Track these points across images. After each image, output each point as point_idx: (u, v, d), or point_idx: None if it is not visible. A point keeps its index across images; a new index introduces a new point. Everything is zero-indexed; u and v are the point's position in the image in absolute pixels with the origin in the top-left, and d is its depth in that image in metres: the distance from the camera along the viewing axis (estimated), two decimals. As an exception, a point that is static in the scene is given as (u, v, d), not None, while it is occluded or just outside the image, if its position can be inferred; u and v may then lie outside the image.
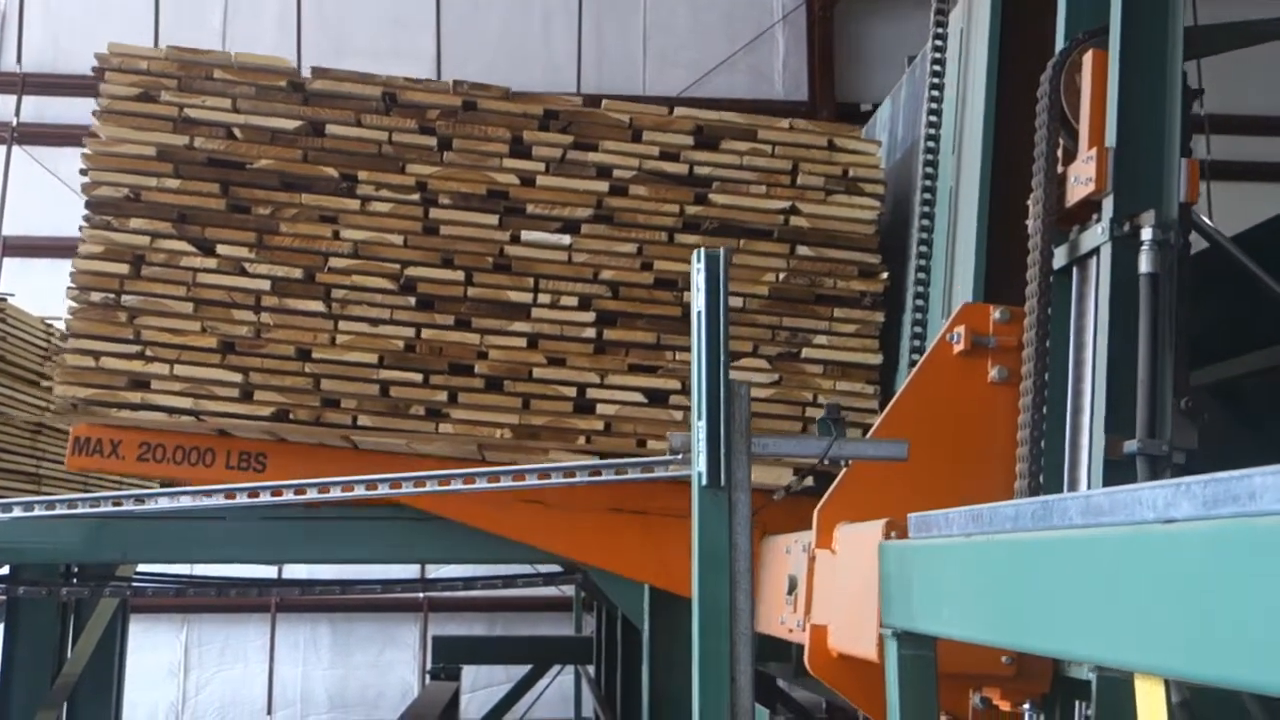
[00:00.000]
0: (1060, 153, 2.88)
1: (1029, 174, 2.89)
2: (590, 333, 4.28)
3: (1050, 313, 2.77)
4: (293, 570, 8.66)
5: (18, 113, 11.70)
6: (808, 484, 3.78)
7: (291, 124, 4.32)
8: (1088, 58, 2.83)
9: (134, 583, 6.02)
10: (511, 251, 4.30)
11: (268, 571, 7.90)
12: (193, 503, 3.66)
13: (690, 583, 2.90)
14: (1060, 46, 2.94)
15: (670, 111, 4.50)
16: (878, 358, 4.37)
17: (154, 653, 11.15)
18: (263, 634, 11.58)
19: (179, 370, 4.13)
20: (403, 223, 4.29)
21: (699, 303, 2.94)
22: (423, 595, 11.41)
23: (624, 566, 4.33)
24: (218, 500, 3.62)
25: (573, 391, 4.24)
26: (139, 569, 6.09)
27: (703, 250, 2.99)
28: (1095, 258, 2.75)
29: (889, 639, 2.28)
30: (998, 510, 1.84)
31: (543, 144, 4.38)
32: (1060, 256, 2.87)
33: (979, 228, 3.61)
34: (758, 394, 4.25)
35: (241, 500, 3.61)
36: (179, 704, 11.49)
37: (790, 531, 3.38)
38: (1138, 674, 1.76)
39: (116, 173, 4.25)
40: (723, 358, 2.88)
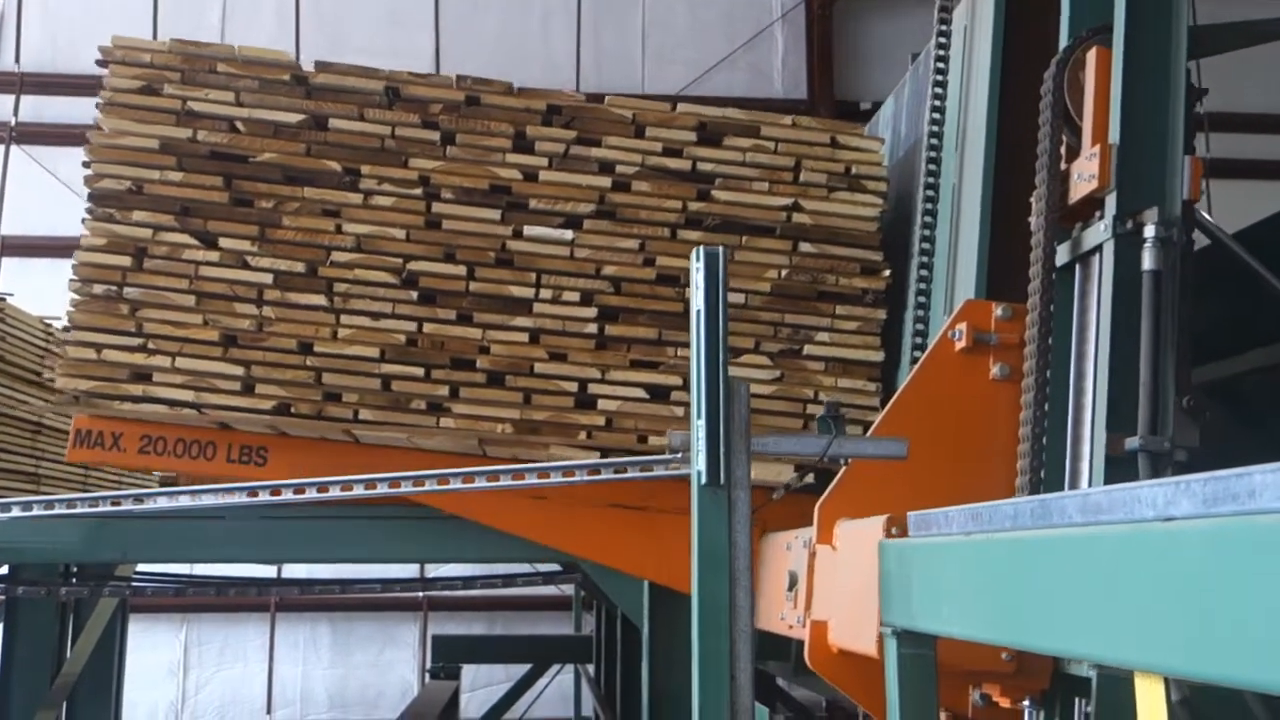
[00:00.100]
0: (1063, 150, 2.87)
1: (1032, 171, 2.89)
2: (592, 328, 4.28)
3: (1052, 310, 2.77)
4: (292, 570, 8.67)
5: (16, 112, 11.71)
6: (808, 481, 3.78)
7: (294, 118, 4.31)
8: (1091, 55, 2.83)
9: (133, 582, 6.00)
10: (514, 246, 4.30)
11: (267, 571, 7.90)
12: (191, 502, 3.65)
13: (690, 579, 2.90)
14: (1064, 44, 2.94)
15: (673, 107, 4.49)
16: (879, 355, 4.37)
17: (153, 652, 11.17)
18: (262, 633, 11.59)
19: (180, 363, 4.13)
20: (405, 217, 4.29)
21: (698, 301, 2.94)
22: (422, 594, 11.42)
23: (624, 562, 4.33)
24: (216, 500, 3.61)
25: (574, 387, 4.24)
26: (138, 568, 6.07)
27: (702, 249, 2.98)
28: (1098, 255, 2.75)
29: (889, 637, 2.28)
30: (997, 508, 1.84)
31: (545, 139, 4.38)
32: (1063, 254, 2.86)
33: (981, 225, 3.61)
34: (759, 390, 4.25)
35: (240, 500, 3.60)
36: (178, 703, 11.51)
37: (791, 528, 3.38)
38: (1137, 672, 1.76)
39: (119, 165, 4.25)
40: (722, 356, 2.88)
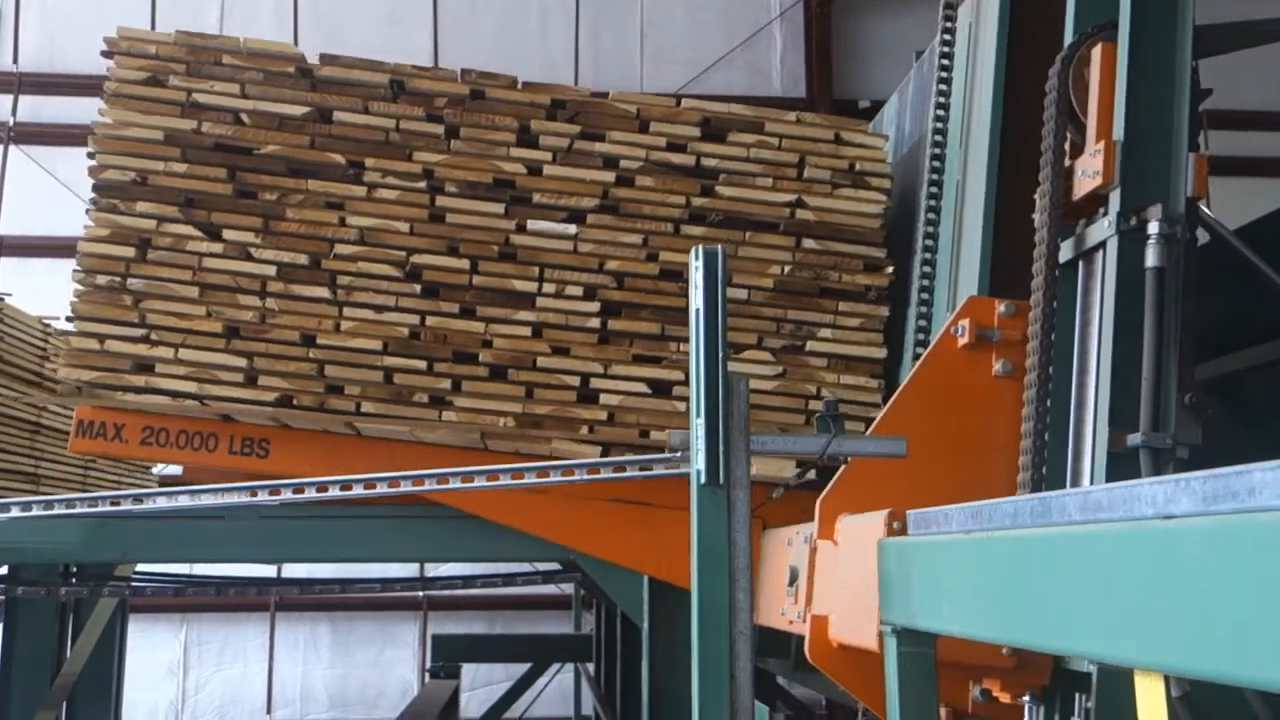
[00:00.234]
0: (1068, 146, 2.87)
1: (1035, 168, 2.88)
2: (595, 323, 4.28)
3: (1055, 306, 2.76)
4: (292, 569, 8.67)
5: (14, 112, 11.70)
6: (810, 478, 3.77)
7: (299, 110, 4.32)
8: (1096, 51, 2.83)
9: (133, 582, 5.99)
10: (517, 240, 4.30)
11: (267, 571, 7.90)
12: (191, 502, 3.65)
13: (690, 575, 2.90)
14: (1069, 40, 2.93)
15: (678, 103, 4.49)
16: (882, 351, 4.37)
17: (153, 652, 11.16)
18: (262, 633, 11.59)
19: (184, 354, 4.13)
20: (409, 210, 4.29)
21: (697, 299, 2.93)
22: (422, 594, 11.41)
23: (624, 557, 4.33)
24: (216, 500, 3.61)
25: (576, 381, 4.24)
26: (138, 568, 6.07)
27: (701, 247, 2.98)
28: (1101, 251, 2.74)
29: (888, 636, 2.28)
30: (997, 507, 1.84)
31: (550, 133, 4.38)
32: (1066, 250, 2.86)
33: (985, 221, 3.61)
34: (761, 386, 4.25)
35: (240, 499, 3.60)
36: (178, 703, 11.50)
37: (792, 524, 3.38)
38: (1138, 669, 1.76)
39: (124, 156, 4.25)
40: (721, 355, 2.88)
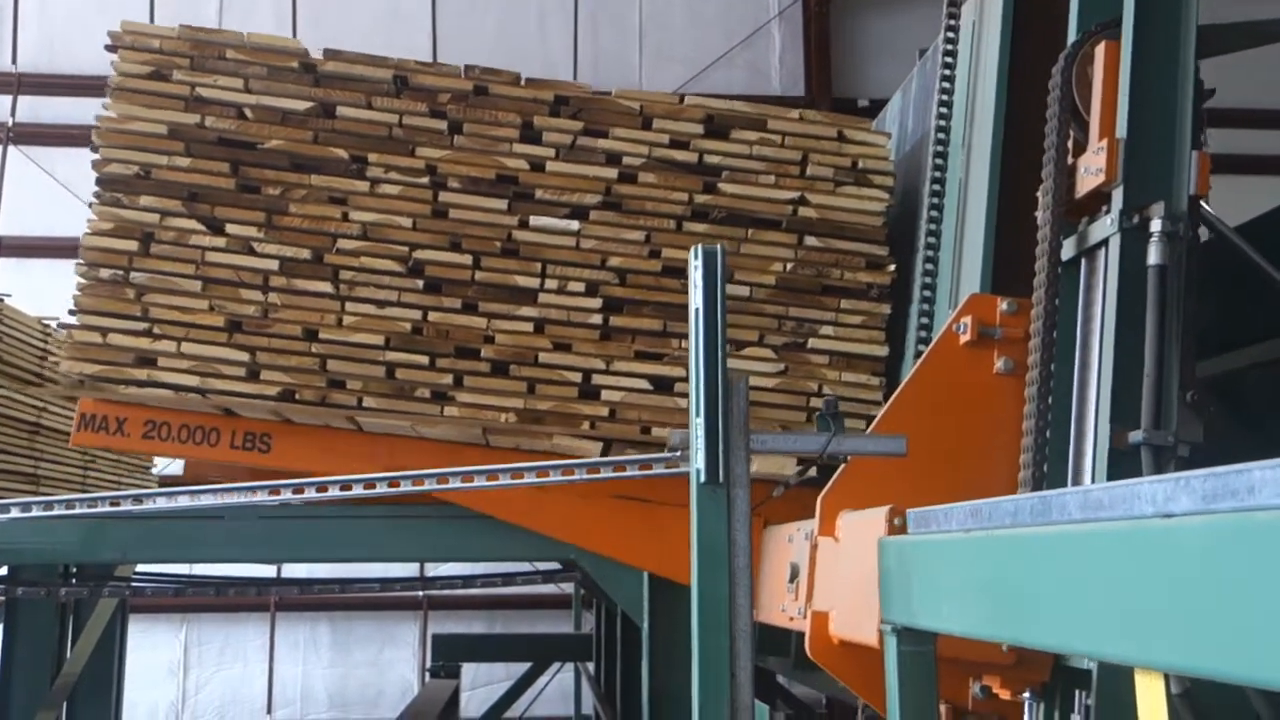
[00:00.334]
0: (1070, 144, 2.87)
1: (1038, 166, 2.88)
2: (597, 319, 4.28)
3: (1057, 304, 2.76)
4: (292, 569, 8.66)
5: (13, 113, 11.69)
6: (811, 475, 3.78)
7: (302, 105, 4.32)
8: (1100, 49, 2.83)
9: (133, 583, 5.98)
10: (520, 236, 4.31)
11: (267, 571, 7.90)
12: (191, 502, 3.65)
13: (690, 572, 2.90)
14: (1072, 38, 2.93)
15: (680, 100, 4.49)
16: (883, 349, 4.37)
17: (153, 652, 11.16)
18: (262, 633, 11.58)
19: (186, 348, 4.14)
20: (412, 205, 4.29)
21: (697, 299, 2.93)
22: (422, 593, 11.39)
23: (625, 553, 4.33)
24: (215, 500, 3.61)
25: (578, 377, 4.24)
26: (138, 569, 6.06)
27: (700, 246, 2.98)
28: (1104, 249, 2.74)
29: (888, 635, 2.28)
30: (997, 505, 1.84)
31: (553, 130, 4.38)
32: (1069, 248, 2.86)
33: (987, 219, 3.61)
34: (763, 383, 4.25)
35: (239, 499, 3.59)
36: (179, 703, 11.49)
37: (793, 521, 3.38)
38: (1138, 668, 1.76)
39: (127, 150, 4.25)
40: (721, 354, 2.87)
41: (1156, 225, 2.59)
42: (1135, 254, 2.62)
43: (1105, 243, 2.73)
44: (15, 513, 3.74)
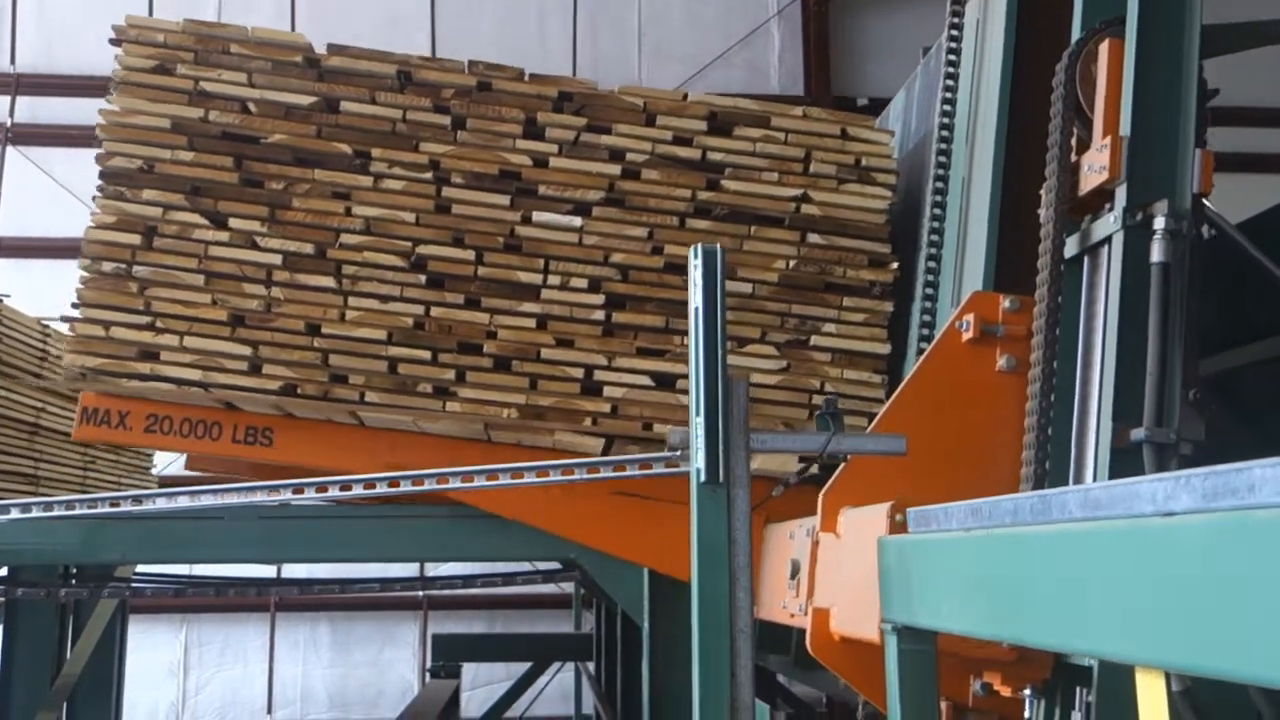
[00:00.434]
0: (1074, 142, 2.87)
1: (1041, 164, 2.88)
2: (599, 315, 4.28)
3: (1060, 301, 2.76)
4: (292, 570, 8.66)
5: (12, 113, 11.67)
6: (813, 473, 3.77)
7: (306, 100, 4.32)
8: (1104, 47, 2.82)
9: (133, 583, 5.98)
10: (522, 232, 4.31)
11: (267, 571, 7.89)
12: (190, 503, 3.65)
13: (690, 568, 2.90)
14: (1076, 36, 2.93)
15: (684, 97, 4.49)
16: (886, 347, 4.37)
17: (153, 653, 11.16)
18: (262, 633, 11.58)
19: (188, 342, 4.14)
20: (415, 201, 4.29)
21: (696, 298, 2.92)
22: (422, 593, 11.38)
23: (626, 549, 4.33)
24: (215, 500, 3.61)
25: (580, 373, 4.24)
26: (138, 569, 6.06)
27: (700, 246, 2.97)
28: (1107, 246, 2.74)
29: (889, 634, 2.28)
30: (997, 504, 1.83)
31: (556, 126, 4.37)
32: (1071, 246, 2.85)
33: (991, 217, 3.60)
34: (765, 380, 4.25)
35: (239, 500, 3.59)
36: (179, 704, 11.49)
37: (794, 518, 3.38)
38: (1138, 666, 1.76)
39: (131, 144, 4.26)
40: (721, 353, 2.87)
41: (1160, 223, 2.59)
42: (1138, 252, 2.62)
43: (1108, 240, 2.73)
44: (15, 513, 3.74)
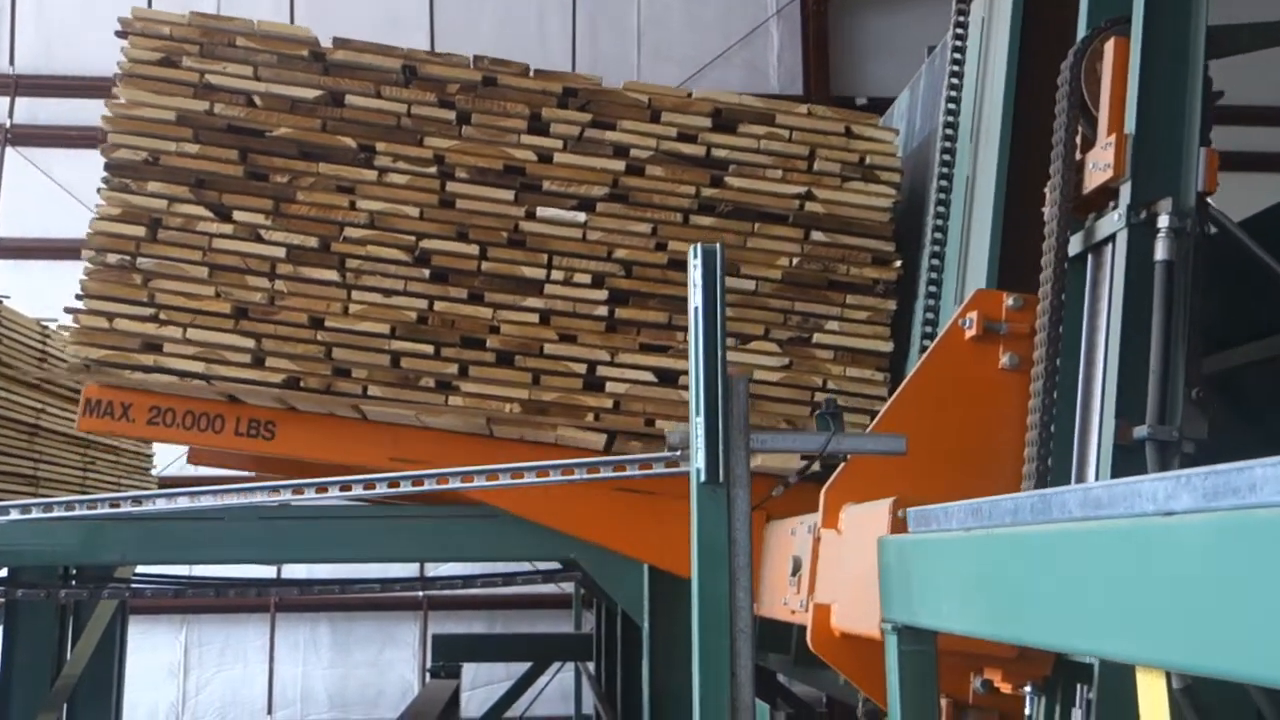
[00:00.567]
0: (1079, 140, 2.86)
1: (1045, 163, 2.88)
2: (602, 311, 4.28)
3: (1064, 299, 2.76)
4: (292, 570, 8.66)
5: (11, 114, 11.66)
6: (815, 470, 3.77)
7: (311, 93, 4.32)
8: (1109, 45, 2.82)
9: (133, 584, 5.99)
10: (526, 227, 4.31)
11: (267, 571, 7.89)
12: (190, 503, 3.65)
13: (690, 566, 2.90)
14: (1082, 34, 2.92)
15: (689, 94, 4.49)
16: (888, 345, 4.36)
17: (154, 653, 11.17)
18: (262, 634, 11.58)
19: (192, 334, 4.15)
20: (419, 195, 4.29)
21: (696, 298, 2.92)
22: (422, 594, 11.37)
23: (627, 545, 4.33)
24: (215, 501, 3.60)
25: (583, 369, 4.24)
26: (137, 570, 6.06)
27: (700, 245, 2.97)
28: (1111, 244, 2.73)
29: (889, 633, 2.28)
30: (997, 504, 1.83)
31: (561, 121, 4.37)
32: (1075, 244, 2.85)
33: (994, 215, 3.60)
34: (767, 377, 4.25)
35: (239, 500, 3.59)
36: (179, 704, 11.50)
37: (795, 515, 3.38)
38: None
39: (136, 136, 4.26)
40: (720, 353, 2.86)
41: (1164, 221, 2.59)
42: (1142, 250, 2.61)
43: (1112, 238, 2.72)
44: (15, 514, 3.73)
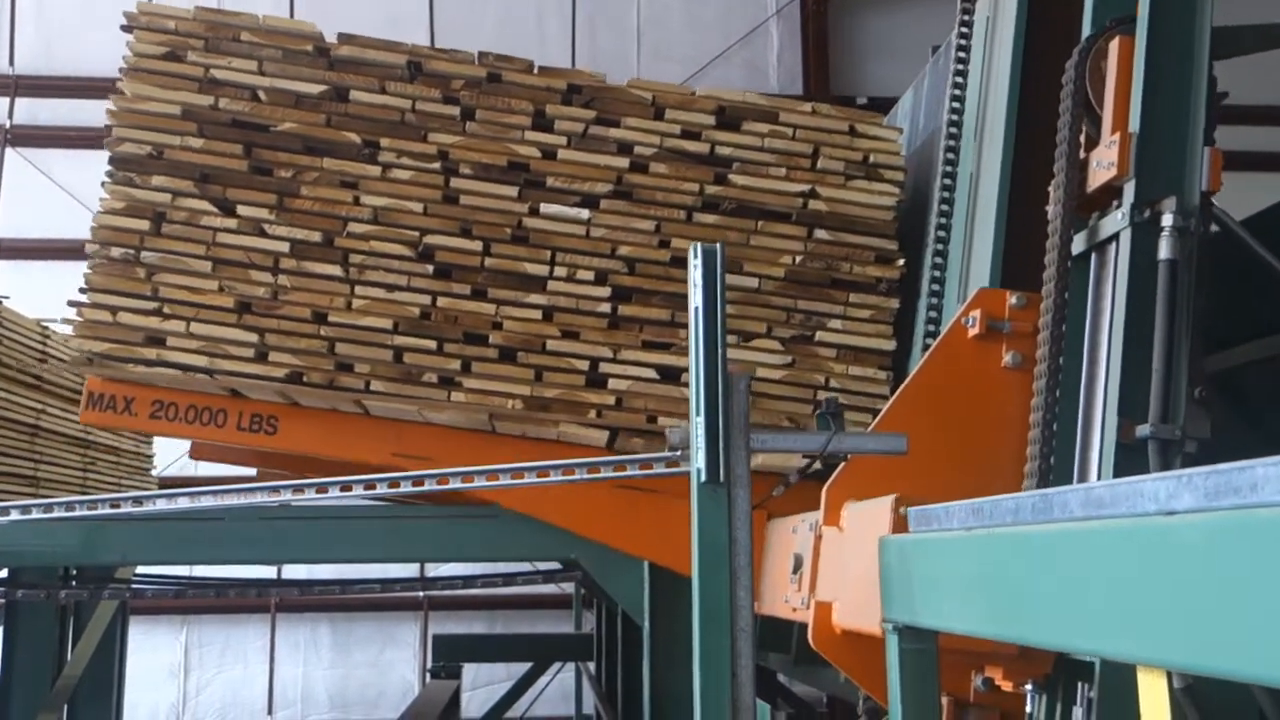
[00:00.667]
0: (1083, 139, 2.86)
1: (1049, 161, 2.88)
2: (605, 307, 4.28)
3: (1067, 298, 2.75)
4: (292, 570, 8.67)
5: (10, 115, 11.66)
6: (816, 468, 3.77)
7: (316, 88, 4.32)
8: (1114, 44, 2.82)
9: (133, 584, 5.99)
10: (530, 224, 4.31)
11: (267, 572, 7.90)
12: (191, 504, 3.65)
13: (691, 565, 2.90)
14: (1087, 32, 2.92)
15: (693, 91, 4.49)
16: (891, 344, 4.36)
17: (154, 654, 11.18)
18: (263, 634, 11.59)
19: (195, 328, 4.15)
20: (423, 191, 4.29)
21: (696, 297, 2.92)
22: (422, 594, 11.38)
23: (625, 541, 4.33)
24: (216, 501, 3.60)
25: (585, 365, 4.24)
26: (138, 570, 6.06)
27: (699, 245, 2.97)
28: (1114, 243, 2.73)
29: (890, 633, 2.28)
30: (998, 503, 1.83)
31: (565, 118, 4.37)
32: (1079, 243, 2.85)
33: (998, 214, 3.60)
34: (770, 375, 4.25)
35: (239, 501, 3.59)
36: (179, 705, 11.51)
37: (797, 513, 3.38)
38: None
39: (141, 130, 4.26)
40: (721, 353, 2.86)
41: (1168, 220, 2.58)
42: (1146, 249, 2.61)
43: (1116, 237, 2.72)
44: (15, 515, 3.73)
